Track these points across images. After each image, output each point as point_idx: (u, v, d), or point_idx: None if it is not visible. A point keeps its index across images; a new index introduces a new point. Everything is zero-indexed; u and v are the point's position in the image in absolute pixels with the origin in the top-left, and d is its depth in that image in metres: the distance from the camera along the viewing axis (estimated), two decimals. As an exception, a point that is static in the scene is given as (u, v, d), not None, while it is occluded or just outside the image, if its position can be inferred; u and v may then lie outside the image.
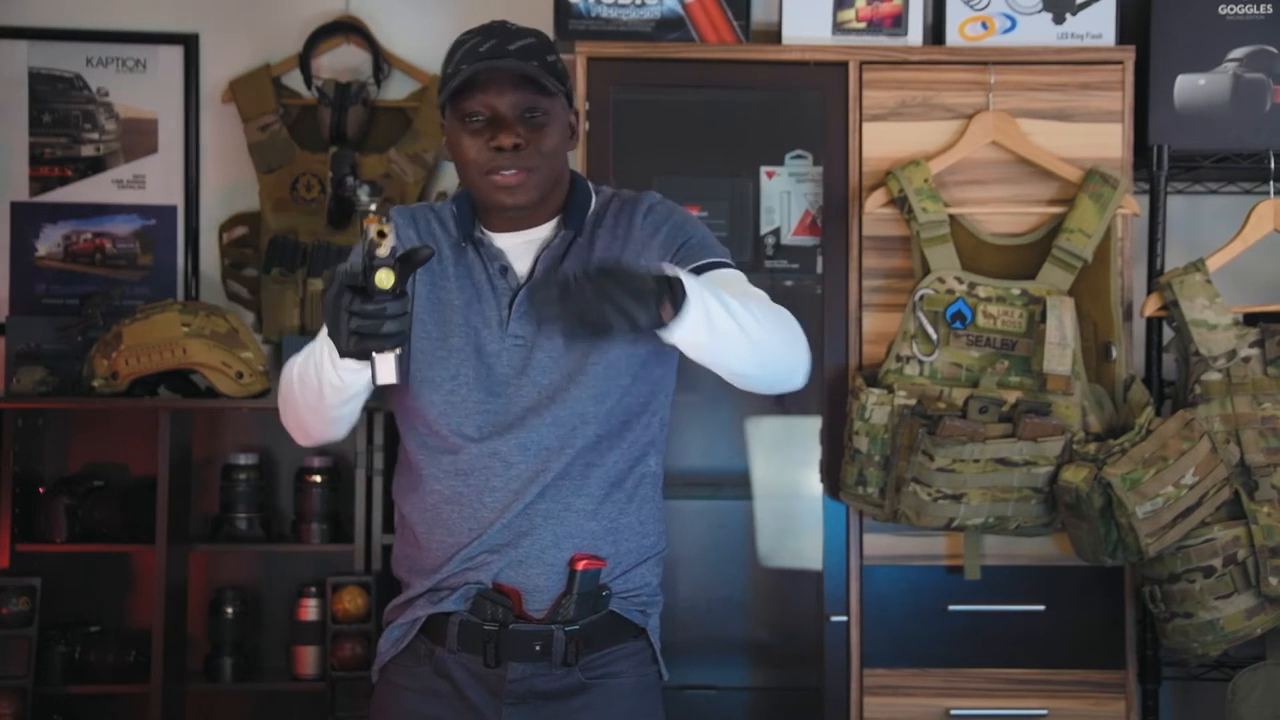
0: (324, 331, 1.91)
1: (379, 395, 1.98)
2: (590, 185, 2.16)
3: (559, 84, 2.04)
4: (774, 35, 3.33)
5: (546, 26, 3.31)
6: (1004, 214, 3.18)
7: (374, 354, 1.82)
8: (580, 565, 2.04)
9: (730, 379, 1.98)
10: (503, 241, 2.10)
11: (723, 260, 2.08)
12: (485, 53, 2.01)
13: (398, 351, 1.82)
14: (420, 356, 2.08)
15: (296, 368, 2.04)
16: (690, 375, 2.21)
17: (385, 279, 1.78)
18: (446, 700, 2.07)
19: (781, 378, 2.01)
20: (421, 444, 2.10)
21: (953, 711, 3.15)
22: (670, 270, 1.83)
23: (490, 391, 2.06)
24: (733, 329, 1.87)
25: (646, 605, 2.14)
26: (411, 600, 2.11)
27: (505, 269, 2.09)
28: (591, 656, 2.07)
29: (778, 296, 3.49)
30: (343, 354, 1.85)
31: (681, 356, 2.11)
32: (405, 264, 1.82)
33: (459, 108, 2.03)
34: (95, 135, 3.73)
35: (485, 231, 2.11)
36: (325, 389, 1.97)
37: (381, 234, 1.77)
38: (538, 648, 2.04)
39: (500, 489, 2.05)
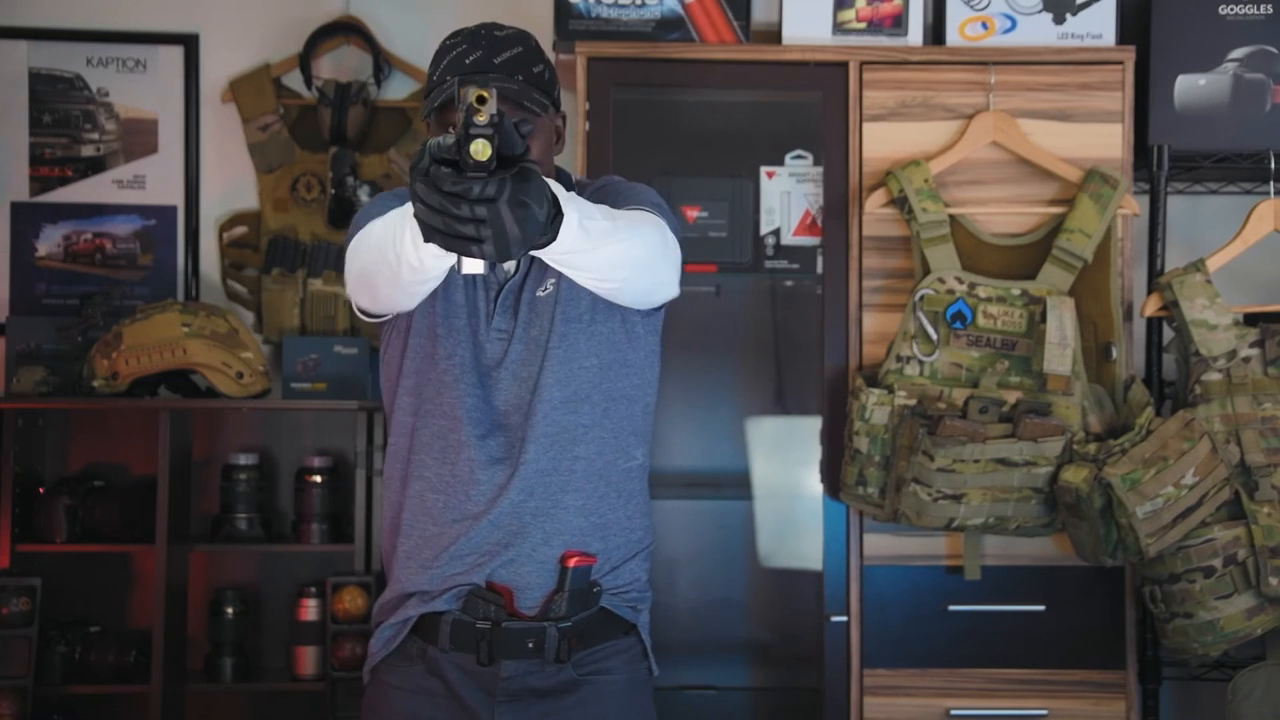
0: (408, 207, 1.73)
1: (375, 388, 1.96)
2: (573, 178, 2.18)
3: (544, 97, 2.06)
4: (774, 35, 3.33)
5: (546, 26, 3.31)
6: (1004, 214, 3.18)
7: None
8: (572, 562, 2.05)
9: (599, 288, 1.94)
10: None
11: (639, 206, 2.03)
12: (470, 65, 2.02)
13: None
14: (425, 331, 2.09)
15: (376, 233, 1.89)
16: (691, 375, 2.22)
17: (482, 150, 1.53)
18: (439, 700, 2.07)
19: (646, 290, 1.99)
20: (412, 428, 2.11)
21: (953, 711, 3.15)
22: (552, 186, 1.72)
23: (479, 378, 2.07)
24: (603, 235, 1.80)
25: (637, 602, 2.16)
26: (402, 599, 2.12)
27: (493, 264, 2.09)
28: (584, 653, 2.08)
29: (778, 296, 3.56)
30: (427, 239, 1.64)
31: (660, 346, 2.14)
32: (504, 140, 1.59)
33: (443, 118, 2.04)
34: (95, 135, 3.73)
35: None
36: (402, 268, 1.82)
37: (481, 99, 1.53)
38: (530, 645, 2.05)
39: (485, 482, 2.06)
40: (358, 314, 2.11)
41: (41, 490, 3.51)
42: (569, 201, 1.74)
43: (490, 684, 2.06)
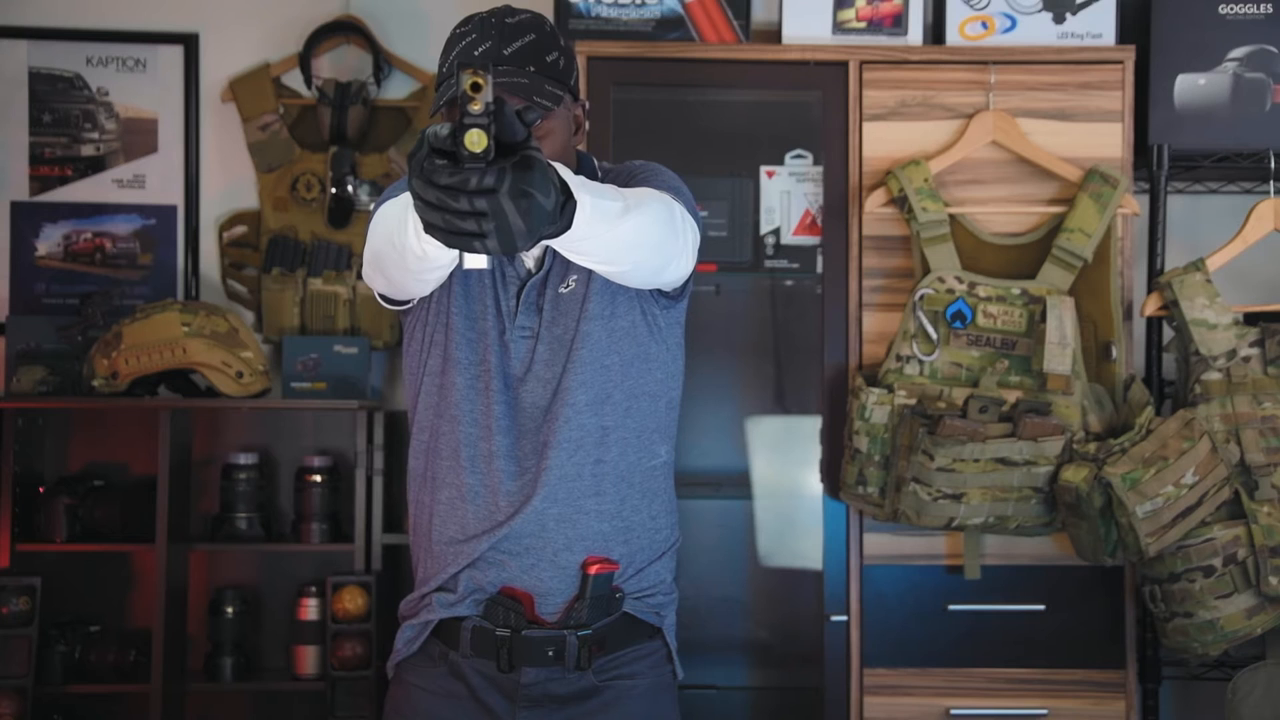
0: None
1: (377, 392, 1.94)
2: (595, 162, 2.13)
3: (559, 88, 1.98)
4: (774, 35, 3.33)
5: (546, 26, 3.31)
6: (1004, 214, 3.18)
7: None
8: (593, 569, 2.02)
9: (608, 272, 1.88)
10: None
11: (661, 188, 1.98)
12: (479, 57, 1.94)
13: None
14: (454, 336, 2.04)
15: (386, 218, 1.84)
16: (691, 375, 2.21)
17: (477, 140, 1.46)
18: (462, 702, 2.05)
19: (657, 270, 1.92)
20: (442, 432, 2.07)
21: (953, 711, 3.15)
22: (562, 171, 1.67)
23: (506, 383, 2.04)
24: (615, 215, 1.74)
25: (661, 606, 2.12)
26: (425, 599, 2.10)
27: (515, 258, 2.06)
28: (605, 659, 2.06)
29: (778, 296, 3.56)
30: (427, 233, 1.58)
31: (683, 338, 2.11)
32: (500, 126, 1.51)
33: (453, 114, 1.96)
34: (95, 135, 3.73)
35: None
36: (408, 257, 1.76)
37: (476, 86, 1.45)
38: (550, 653, 2.02)
39: (513, 492, 2.03)
40: (380, 301, 2.06)
41: (41, 490, 3.51)
42: (580, 186, 1.66)
43: (511, 690, 2.04)
